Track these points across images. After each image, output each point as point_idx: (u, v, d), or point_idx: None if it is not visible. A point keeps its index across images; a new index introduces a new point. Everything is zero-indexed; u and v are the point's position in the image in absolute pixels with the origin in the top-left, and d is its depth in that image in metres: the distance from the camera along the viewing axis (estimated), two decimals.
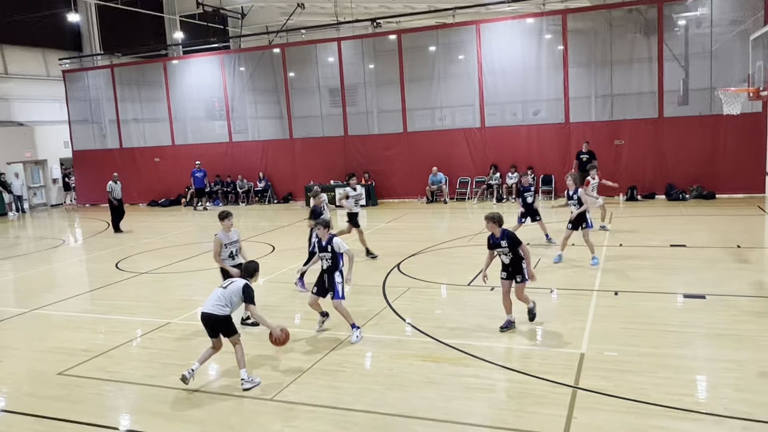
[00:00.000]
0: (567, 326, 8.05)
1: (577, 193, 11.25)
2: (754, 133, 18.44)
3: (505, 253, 7.76)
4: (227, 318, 6.81)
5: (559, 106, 20.51)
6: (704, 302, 8.72)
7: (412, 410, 5.94)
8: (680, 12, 19.45)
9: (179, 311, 9.77)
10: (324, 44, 23.97)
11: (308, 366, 7.14)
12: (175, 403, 6.43)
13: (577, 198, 11.25)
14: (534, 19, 20.84)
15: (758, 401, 5.69)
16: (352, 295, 10.42)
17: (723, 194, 18.73)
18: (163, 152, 26.05)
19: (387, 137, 22.78)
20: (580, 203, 11.21)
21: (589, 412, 5.71)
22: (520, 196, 13.16)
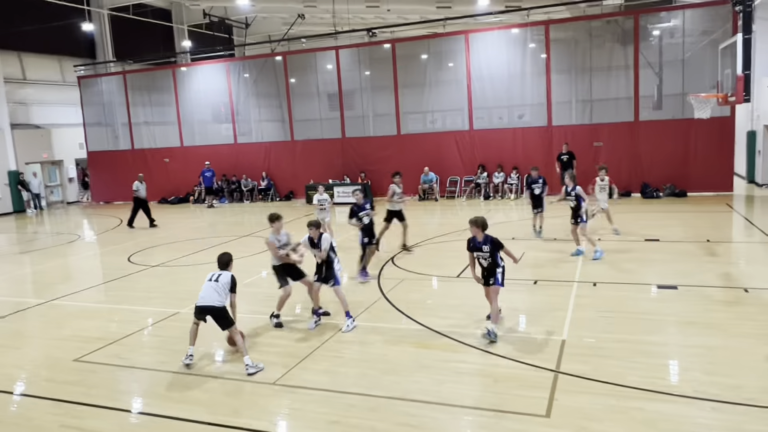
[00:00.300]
0: (549, 315, 8.07)
1: (575, 190, 11.15)
2: (723, 136, 18.50)
3: (485, 257, 7.34)
4: (224, 308, 6.90)
5: (543, 111, 20.52)
6: (676, 292, 8.76)
7: (405, 393, 5.94)
8: (655, 23, 19.49)
9: (188, 301, 9.71)
10: (323, 52, 23.91)
11: (308, 352, 7.14)
12: (184, 387, 6.42)
13: (575, 195, 11.14)
14: (519, 30, 20.84)
15: (726, 384, 5.72)
16: (349, 286, 10.43)
17: (694, 192, 18.79)
18: (172, 153, 25.96)
19: (382, 139, 22.76)
20: (578, 199, 11.09)
21: (569, 394, 5.72)
22: (529, 188, 13.39)
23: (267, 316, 8.70)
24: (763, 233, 12.80)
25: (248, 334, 7.94)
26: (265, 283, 10.92)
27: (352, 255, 11.25)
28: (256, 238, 15.70)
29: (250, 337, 7.85)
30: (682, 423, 5.12)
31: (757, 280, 9.27)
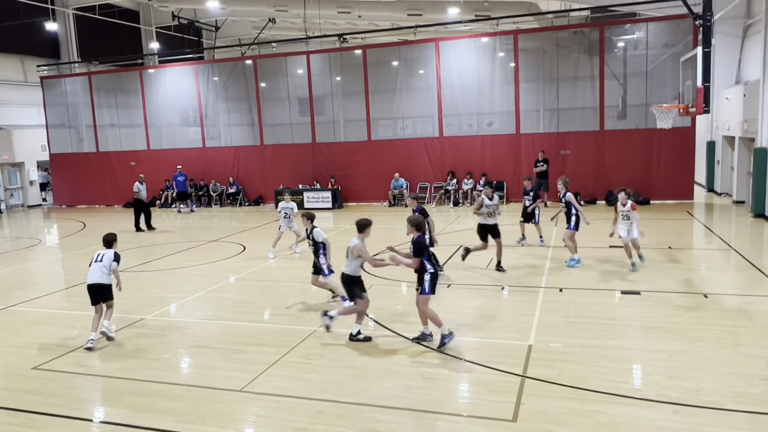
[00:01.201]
0: (516, 320, 8.17)
1: (565, 197, 11.17)
2: (684, 146, 19.04)
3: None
4: (110, 285, 7.92)
5: (511, 118, 20.82)
6: (639, 298, 8.96)
7: (373, 399, 5.93)
8: (619, 35, 19.99)
9: (153, 308, 9.56)
10: (294, 57, 23.84)
11: (276, 359, 7.07)
12: (149, 395, 6.29)
13: (565, 201, 11.18)
14: (488, 39, 21.13)
15: (687, 387, 5.87)
16: (319, 292, 10.38)
17: (657, 200, 19.28)
18: (138, 156, 25.47)
19: (352, 145, 22.76)
20: (569, 206, 11.10)
21: (535, 398, 5.80)
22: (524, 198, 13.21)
23: (234, 322, 8.60)
24: (722, 240, 13.20)
25: (216, 341, 7.84)
26: (233, 288, 10.80)
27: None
28: (224, 243, 15.52)
29: (218, 344, 7.75)
30: (643, 426, 5.23)
31: (716, 286, 9.55)
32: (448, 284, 10.11)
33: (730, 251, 12.08)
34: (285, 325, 8.47)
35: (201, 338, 8.10)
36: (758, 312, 8.10)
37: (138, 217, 18.34)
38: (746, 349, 6.79)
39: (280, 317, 8.94)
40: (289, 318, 8.78)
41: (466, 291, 9.86)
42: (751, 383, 5.89)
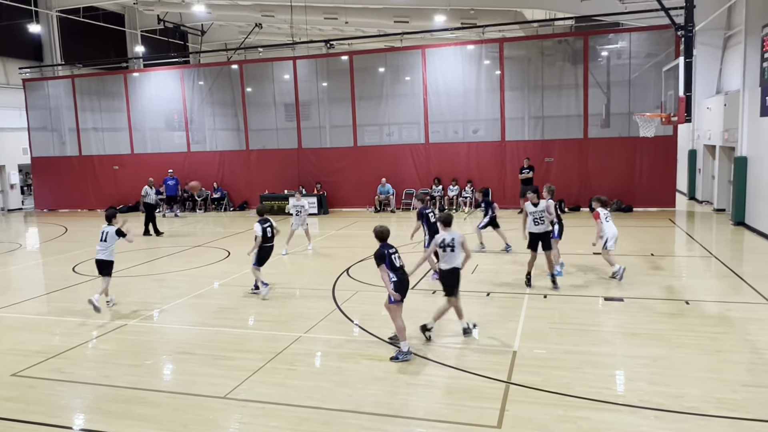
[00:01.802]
0: (501, 327, 8.19)
1: (546, 203, 11.07)
2: (666, 155, 19.29)
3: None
4: (112, 262, 9.65)
5: (496, 126, 20.95)
6: (622, 304, 9.03)
7: (358, 406, 5.91)
8: (603, 44, 20.24)
9: (135, 313, 9.45)
10: (280, 62, 23.81)
11: (260, 365, 7.02)
12: (130, 402, 6.20)
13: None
14: (474, 46, 21.27)
15: (669, 393, 5.92)
16: (302, 299, 10.36)
17: (639, 208, 19.49)
18: (122, 160, 25.24)
19: (338, 150, 22.75)
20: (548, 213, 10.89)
21: (520, 405, 5.81)
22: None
23: (218, 328, 8.53)
24: (704, 248, 13.37)
25: (199, 347, 7.77)
26: (217, 294, 10.71)
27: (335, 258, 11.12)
28: (208, 248, 15.40)
29: (201, 350, 7.68)
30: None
31: (697, 293, 9.66)
32: (433, 291, 10.11)
33: (711, 258, 12.24)
34: (269, 331, 8.42)
35: (184, 344, 8.02)
36: (738, 319, 8.20)
37: (153, 222, 18.14)
38: (727, 356, 6.87)
39: (264, 323, 8.89)
40: (274, 324, 8.73)
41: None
42: (732, 389, 5.96)
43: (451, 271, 7.53)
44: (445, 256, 7.54)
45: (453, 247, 7.47)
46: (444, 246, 7.51)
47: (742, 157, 15.36)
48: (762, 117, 14.05)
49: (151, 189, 18.44)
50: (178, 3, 26.60)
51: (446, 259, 7.54)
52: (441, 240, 7.55)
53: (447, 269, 7.56)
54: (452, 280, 7.57)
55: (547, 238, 9.97)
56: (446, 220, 7.73)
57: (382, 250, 7.17)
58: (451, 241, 7.47)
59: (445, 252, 7.52)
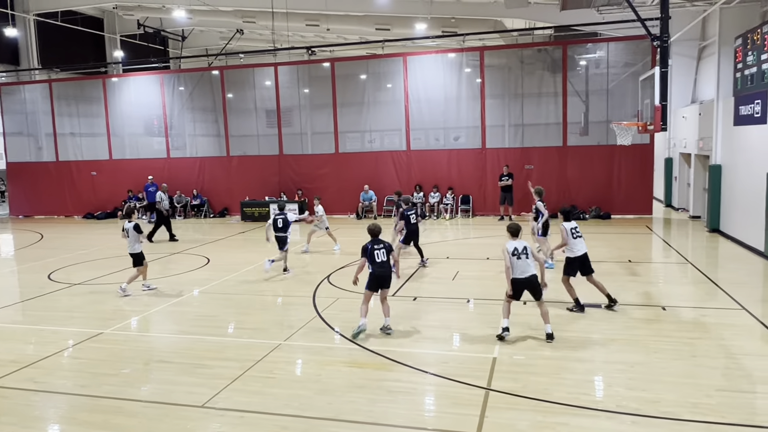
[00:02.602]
0: (481, 333, 8.22)
1: (536, 205, 11.81)
2: (643, 163, 19.59)
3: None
4: (140, 253, 11.04)
5: (477, 133, 21.10)
6: (600, 310, 9.12)
7: (338, 414, 5.88)
8: (582, 53, 20.53)
9: (112, 321, 9.31)
10: (261, 68, 23.74)
11: (239, 373, 6.95)
12: (107, 412, 6.10)
13: (535, 209, 11.75)
14: (455, 54, 21.44)
15: (646, 398, 5.99)
16: (283, 306, 10.30)
17: (617, 215, 19.75)
18: (100, 166, 24.91)
19: (320, 157, 22.72)
20: (537, 213, 11.68)
21: (499, 411, 5.83)
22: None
23: (196, 336, 8.44)
24: (680, 254, 13.58)
25: (177, 355, 7.68)
26: (196, 302, 10.61)
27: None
28: (188, 255, 15.24)
29: (179, 358, 7.59)
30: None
31: (673, 299, 9.80)
32: (414, 297, 10.13)
33: (687, 265, 12.43)
34: (249, 339, 8.35)
35: (162, 353, 7.92)
36: (713, 324, 8.34)
37: (168, 227, 17.90)
38: (702, 360, 6.97)
39: (243, 331, 8.82)
40: (253, 332, 8.66)
41: (432, 304, 9.89)
42: (706, 394, 6.05)
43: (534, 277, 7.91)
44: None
45: (522, 255, 7.84)
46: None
47: (716, 165, 15.66)
48: (735, 126, 14.36)
49: (164, 194, 18.23)
50: (158, 8, 26.42)
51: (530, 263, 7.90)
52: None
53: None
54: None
55: (586, 261, 9.19)
56: (515, 231, 8.03)
57: (368, 244, 8.23)
58: (522, 250, 7.81)
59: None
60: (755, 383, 6.34)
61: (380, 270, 8.09)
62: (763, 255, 12.54)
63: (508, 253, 7.78)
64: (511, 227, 8.05)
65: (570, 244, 9.13)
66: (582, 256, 9.11)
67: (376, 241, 8.25)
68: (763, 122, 12.63)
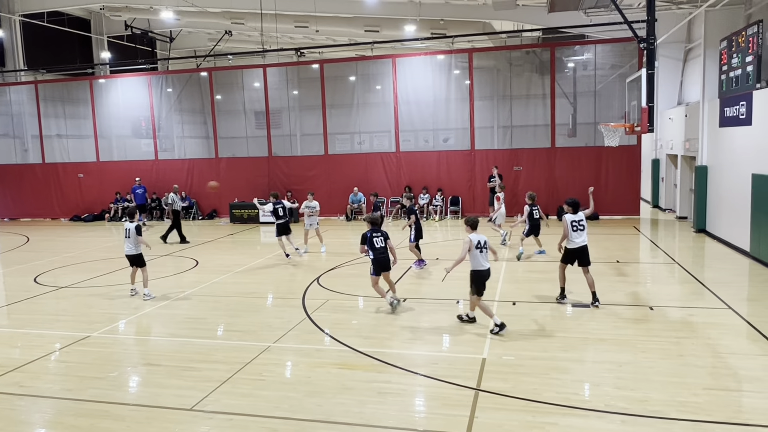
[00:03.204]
0: (471, 333, 8.23)
1: (524, 208, 12.72)
2: (630, 164, 19.74)
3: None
4: (140, 254, 10.77)
5: (466, 135, 21.17)
6: (589, 310, 9.18)
7: (328, 415, 5.86)
8: (569, 55, 20.67)
9: (99, 325, 9.22)
10: (250, 70, 23.67)
11: (228, 376, 6.91)
12: (93, 416, 6.03)
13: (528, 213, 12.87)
14: (444, 56, 21.49)
15: (635, 397, 6.02)
16: (272, 308, 10.27)
17: (605, 215, 19.88)
18: (87, 168, 24.70)
19: (309, 159, 22.68)
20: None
21: (489, 411, 5.84)
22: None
23: (185, 339, 8.39)
24: (667, 254, 13.68)
25: (165, 358, 7.62)
26: (185, 304, 10.53)
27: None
28: (176, 257, 15.15)
29: (168, 361, 7.52)
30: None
31: (661, 299, 9.87)
32: (403, 298, 10.12)
33: (674, 265, 12.53)
34: (238, 341, 8.30)
35: (150, 356, 7.85)
36: (700, 323, 8.41)
37: (179, 229, 17.72)
38: (689, 359, 7.02)
39: (233, 333, 8.76)
40: (243, 334, 8.61)
41: (422, 305, 9.89)
42: (693, 392, 6.10)
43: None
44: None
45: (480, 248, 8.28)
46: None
47: (702, 166, 15.81)
48: (721, 127, 14.50)
49: (176, 195, 18.06)
50: (146, 9, 26.24)
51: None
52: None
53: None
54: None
55: (584, 254, 9.57)
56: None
57: (367, 232, 9.18)
58: (484, 243, 8.25)
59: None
60: (741, 381, 6.40)
61: (381, 255, 9.19)
62: (749, 255, 12.67)
63: (471, 245, 8.16)
64: (470, 220, 8.41)
65: (570, 236, 9.57)
66: (580, 248, 9.53)
67: (375, 229, 9.25)
68: (748, 124, 12.77)
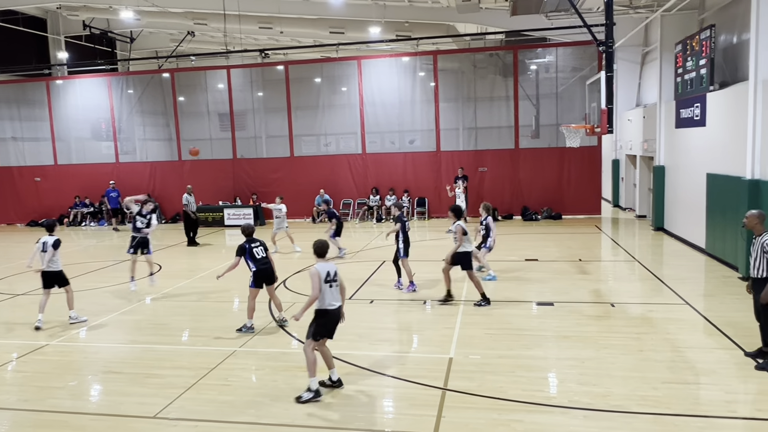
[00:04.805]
0: (438, 334, 8.28)
1: (486, 220, 11.65)
2: (592, 164, 20.16)
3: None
4: (61, 272, 9.38)
5: (432, 136, 21.30)
6: (553, 308, 9.33)
7: (294, 420, 5.81)
8: (532, 58, 21.01)
9: (58, 332, 8.95)
10: (214, 71, 23.35)
11: (193, 382, 6.79)
12: (51, 427, 5.85)
13: (485, 224, 11.61)
14: (409, 58, 21.59)
15: (597, 393, 6.15)
16: (238, 312, 10.13)
17: (568, 215, 20.26)
18: (44, 172, 23.96)
19: (275, 161, 22.49)
20: (488, 229, 11.57)
21: (456, 410, 5.88)
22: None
23: (148, 345, 8.21)
24: (627, 252, 14.02)
25: (128, 365, 7.44)
26: (148, 310, 10.31)
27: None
28: (138, 262, 14.78)
29: (130, 368, 7.35)
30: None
31: (622, 296, 10.11)
32: (370, 300, 10.12)
33: (634, 263, 12.85)
34: (203, 346, 8.17)
35: (112, 363, 7.66)
36: (659, 319, 8.64)
37: (188, 231, 17.32)
38: (649, 354, 7.21)
39: (198, 338, 8.62)
40: (208, 339, 8.47)
41: (389, 306, 9.91)
42: (653, 386, 6.26)
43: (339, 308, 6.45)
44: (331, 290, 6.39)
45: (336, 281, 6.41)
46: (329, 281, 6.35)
47: (660, 166, 16.25)
48: (677, 128, 14.94)
49: (190, 197, 17.58)
50: (104, 9, 25.58)
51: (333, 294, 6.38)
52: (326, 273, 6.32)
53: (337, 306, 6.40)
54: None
55: (466, 259, 9.64)
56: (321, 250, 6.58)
57: (245, 243, 8.56)
58: (334, 275, 6.38)
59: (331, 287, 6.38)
60: (699, 375, 6.60)
61: (263, 266, 8.51)
62: (704, 252, 13.08)
63: (320, 279, 6.21)
64: (319, 246, 6.56)
65: (464, 241, 9.66)
66: (468, 253, 9.69)
67: (251, 240, 8.60)
68: (703, 125, 13.19)
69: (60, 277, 9.38)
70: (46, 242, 9.26)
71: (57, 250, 9.26)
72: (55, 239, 9.31)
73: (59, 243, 9.34)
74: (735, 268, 11.33)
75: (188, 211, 17.46)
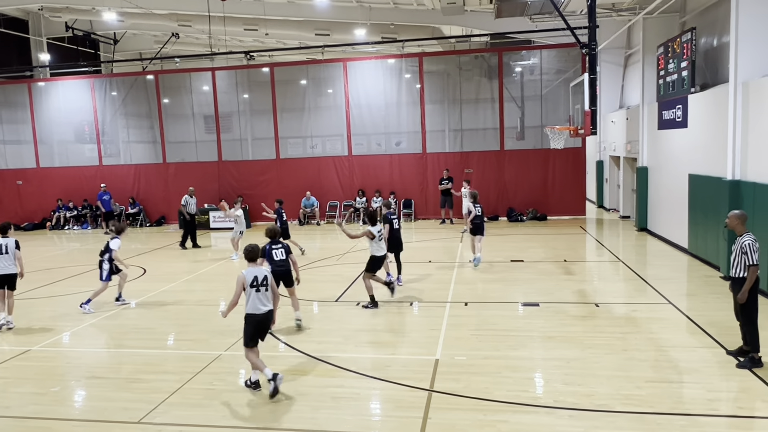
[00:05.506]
0: (424, 335, 8.29)
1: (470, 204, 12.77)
2: (576, 165, 20.32)
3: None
4: (16, 275, 9.33)
5: (418, 138, 21.34)
6: (538, 309, 9.38)
7: (281, 422, 5.79)
8: (517, 60, 21.14)
9: (41, 337, 8.84)
10: (198, 73, 23.20)
11: (177, 387, 6.73)
12: None
13: (481, 210, 12.81)
14: (395, 60, 21.62)
15: (581, 392, 6.19)
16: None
17: (553, 216, 20.40)
18: (26, 175, 23.66)
19: (260, 163, 22.39)
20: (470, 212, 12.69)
21: (442, 412, 5.89)
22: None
23: (133, 350, 8.13)
24: (611, 253, 14.14)
25: (112, 370, 7.36)
26: (132, 314, 10.21)
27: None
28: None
29: (114, 373, 7.27)
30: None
31: (606, 296, 10.20)
32: (357, 302, 10.11)
33: (618, 263, 12.96)
34: (188, 350, 8.11)
35: (95, 368, 7.57)
36: (643, 319, 8.72)
37: (187, 233, 17.13)
38: (633, 354, 7.27)
39: (183, 342, 8.56)
40: (193, 343, 8.41)
41: (374, 308, 9.89)
42: (637, 386, 6.32)
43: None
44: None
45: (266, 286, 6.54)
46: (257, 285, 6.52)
47: (643, 167, 16.42)
48: (660, 130, 15.11)
49: (191, 198, 17.36)
50: (87, 10, 25.34)
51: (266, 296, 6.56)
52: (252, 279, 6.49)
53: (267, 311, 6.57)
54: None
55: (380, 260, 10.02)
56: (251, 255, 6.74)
57: (267, 245, 8.61)
58: (263, 280, 6.48)
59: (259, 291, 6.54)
60: (682, 373, 6.67)
61: (279, 268, 8.55)
62: (687, 252, 13.23)
63: (243, 284, 6.41)
64: (248, 251, 6.67)
65: (377, 244, 9.98)
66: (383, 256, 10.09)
67: (274, 242, 8.72)
68: (684, 126, 13.35)
69: (13, 280, 9.36)
70: (7, 245, 9.24)
71: (18, 250, 9.35)
72: (15, 240, 9.38)
73: (19, 243, 9.42)
74: (717, 268, 11.48)
75: (184, 213, 17.26)
